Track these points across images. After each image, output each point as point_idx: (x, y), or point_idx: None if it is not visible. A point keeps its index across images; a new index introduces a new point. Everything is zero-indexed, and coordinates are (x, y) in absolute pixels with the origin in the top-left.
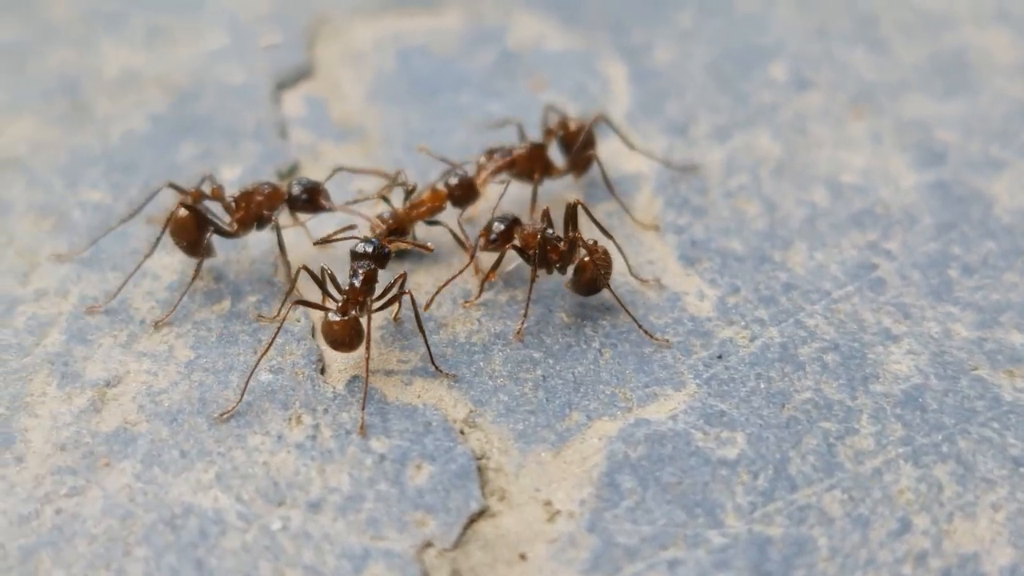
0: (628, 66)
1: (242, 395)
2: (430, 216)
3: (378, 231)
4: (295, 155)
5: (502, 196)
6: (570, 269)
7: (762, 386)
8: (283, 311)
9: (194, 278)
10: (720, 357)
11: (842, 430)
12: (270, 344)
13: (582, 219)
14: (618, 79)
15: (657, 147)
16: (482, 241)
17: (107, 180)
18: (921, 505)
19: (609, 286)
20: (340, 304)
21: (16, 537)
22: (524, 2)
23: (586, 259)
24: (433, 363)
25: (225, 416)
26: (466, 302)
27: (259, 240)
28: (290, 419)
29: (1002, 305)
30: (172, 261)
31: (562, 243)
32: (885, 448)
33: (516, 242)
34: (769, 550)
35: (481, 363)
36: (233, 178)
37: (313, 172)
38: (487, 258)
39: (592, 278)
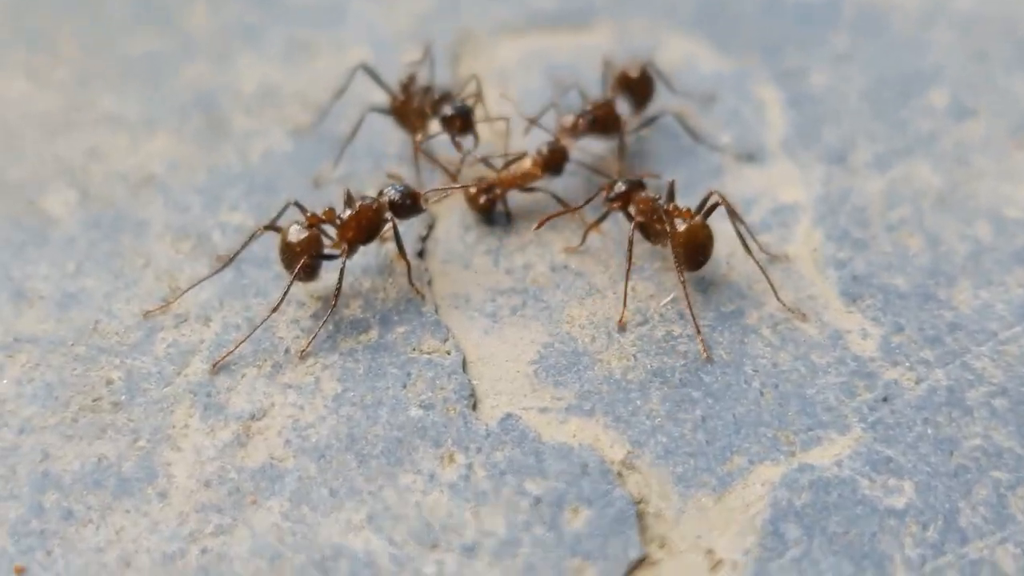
0: (783, 90)
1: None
2: (524, 184)
3: (474, 191)
4: (441, 177)
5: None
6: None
7: (929, 432)
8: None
9: (333, 306)
10: (885, 400)
11: (1013, 480)
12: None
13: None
14: (773, 104)
15: (815, 175)
16: (603, 194)
17: (247, 201)
18: None
19: (689, 267)
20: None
21: None
22: (675, 21)
23: (681, 228)
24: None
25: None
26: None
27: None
28: (442, 458)
29: None
30: (317, 287)
31: (667, 216)
32: None
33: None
34: None
35: (638, 402)
36: None
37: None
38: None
39: (681, 250)
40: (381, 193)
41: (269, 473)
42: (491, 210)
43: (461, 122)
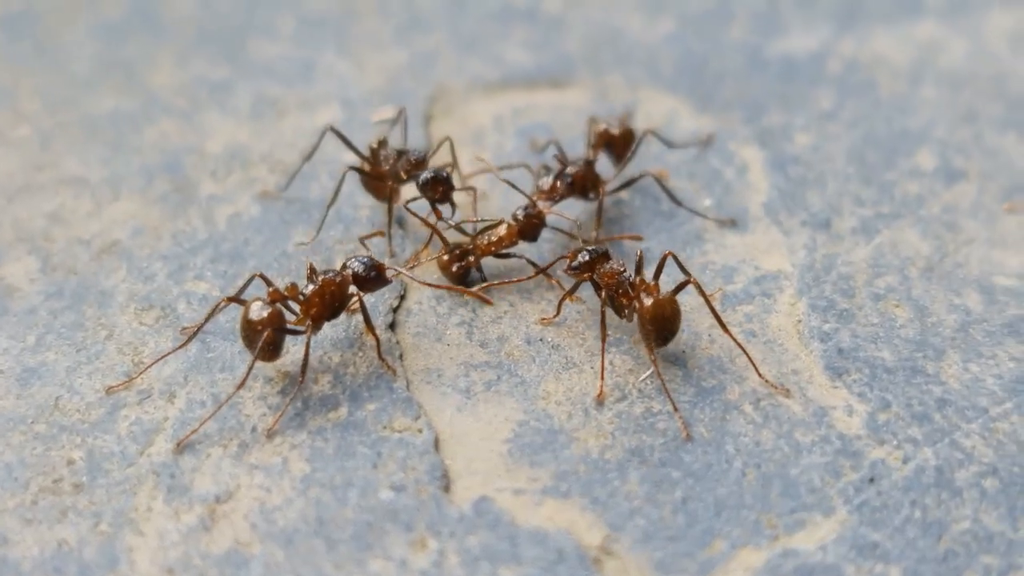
0: (766, 150)
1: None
2: (499, 250)
3: (447, 258)
4: (412, 246)
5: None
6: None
7: (917, 514)
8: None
9: (300, 383)
10: (872, 480)
11: (1004, 566)
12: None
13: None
14: (755, 165)
15: (799, 241)
16: (565, 263)
17: (213, 269)
18: None
19: (656, 343)
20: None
21: None
22: (654, 79)
23: (647, 303)
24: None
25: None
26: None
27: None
28: (414, 543)
29: None
30: (285, 362)
31: (633, 289)
32: None
33: (595, 275)
34: None
35: (616, 483)
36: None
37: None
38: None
39: (645, 325)
40: (344, 266)
41: (234, 559)
42: (465, 277)
43: (442, 189)
